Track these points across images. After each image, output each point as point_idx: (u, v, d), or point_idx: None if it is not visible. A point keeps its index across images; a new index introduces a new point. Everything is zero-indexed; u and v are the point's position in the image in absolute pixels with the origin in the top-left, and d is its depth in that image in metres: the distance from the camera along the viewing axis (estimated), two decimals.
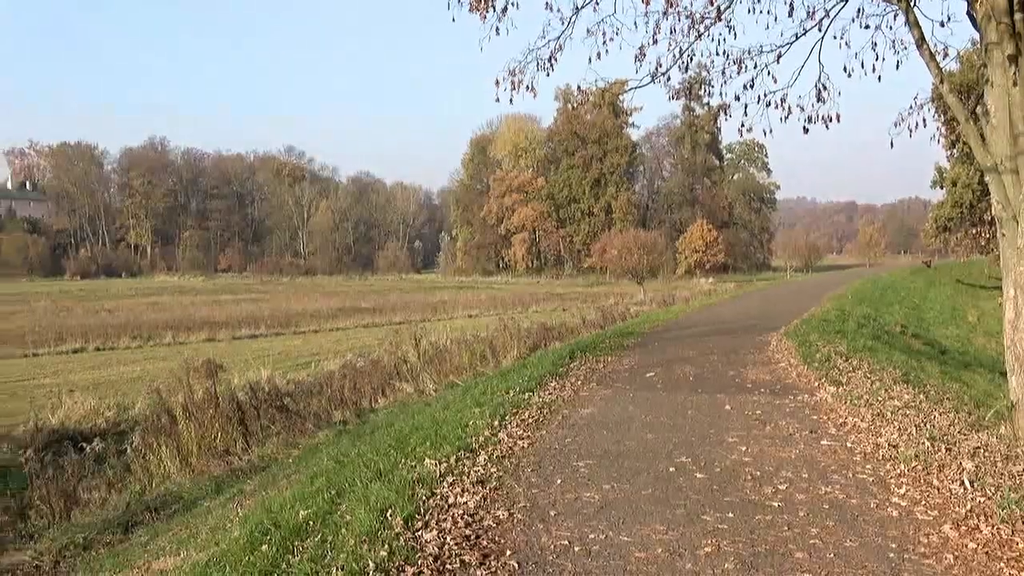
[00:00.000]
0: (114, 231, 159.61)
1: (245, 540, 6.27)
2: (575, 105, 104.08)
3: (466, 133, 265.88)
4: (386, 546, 5.45)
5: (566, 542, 5.68)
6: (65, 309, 62.89)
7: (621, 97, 13.64)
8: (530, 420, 9.76)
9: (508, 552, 5.48)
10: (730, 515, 6.17)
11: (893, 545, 5.55)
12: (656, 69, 11.40)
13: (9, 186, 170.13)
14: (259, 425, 15.37)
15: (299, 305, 63.99)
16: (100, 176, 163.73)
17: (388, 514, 6.12)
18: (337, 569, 5.16)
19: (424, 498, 6.56)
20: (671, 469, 7.48)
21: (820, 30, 10.79)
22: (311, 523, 6.30)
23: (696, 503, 6.48)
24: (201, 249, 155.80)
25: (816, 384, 11.99)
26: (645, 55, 11.15)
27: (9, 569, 8.59)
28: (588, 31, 10.94)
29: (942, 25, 10.00)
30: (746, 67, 11.03)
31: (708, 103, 65.92)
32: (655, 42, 11.10)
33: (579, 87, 11.86)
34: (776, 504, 6.42)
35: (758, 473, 7.29)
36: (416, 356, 22.04)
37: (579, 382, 12.82)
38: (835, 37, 10.75)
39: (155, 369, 27.48)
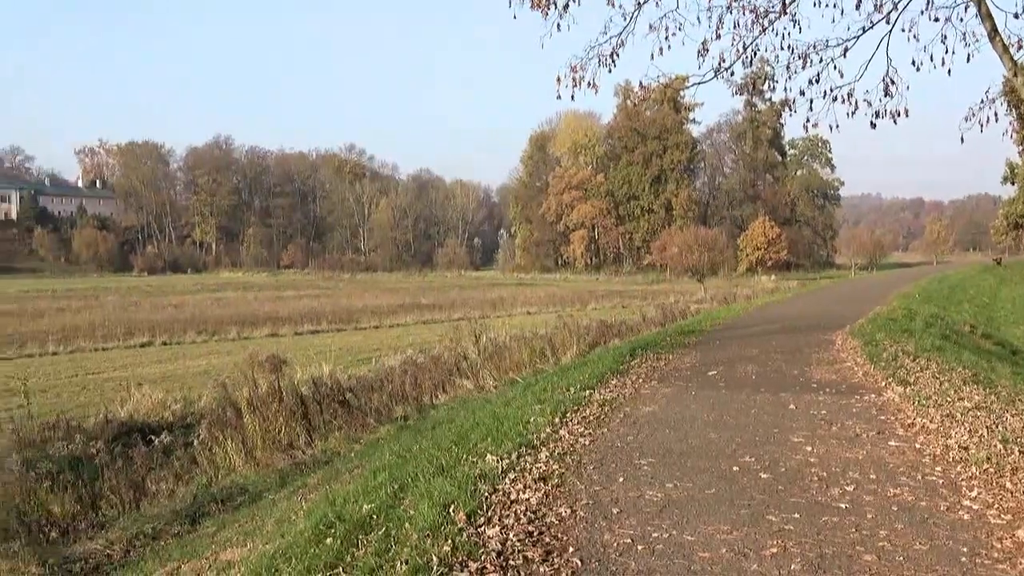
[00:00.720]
0: (180, 228, 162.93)
1: (310, 533, 6.35)
2: (636, 101, 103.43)
3: (525, 130, 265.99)
4: (449, 541, 5.47)
5: (629, 540, 5.65)
6: (133, 304, 64.37)
7: (682, 93, 13.55)
8: (591, 417, 9.73)
9: (571, 549, 5.47)
10: (796, 516, 6.08)
11: (964, 549, 5.42)
12: (719, 64, 11.31)
13: (80, 184, 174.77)
14: (322, 419, 15.56)
15: (359, 301, 64.66)
16: (166, 174, 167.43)
17: (451, 509, 6.15)
18: (401, 563, 5.19)
19: (486, 494, 6.57)
20: (735, 468, 7.40)
21: (888, 23, 10.58)
22: (375, 517, 6.35)
23: (761, 503, 6.40)
24: (264, 246, 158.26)
25: (883, 384, 11.76)
26: (708, 50, 11.06)
27: (82, 557, 8.82)
28: (650, 27, 10.88)
29: (1016, 17, 9.75)
30: (811, 61, 10.88)
31: (771, 98, 64.71)
32: (718, 37, 11.00)
33: (640, 83, 11.78)
34: (843, 505, 6.32)
35: (824, 474, 7.18)
36: (476, 352, 22.11)
37: (640, 380, 12.75)
38: (903, 30, 10.54)
39: (220, 363, 28.00)
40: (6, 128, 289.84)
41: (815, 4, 10.55)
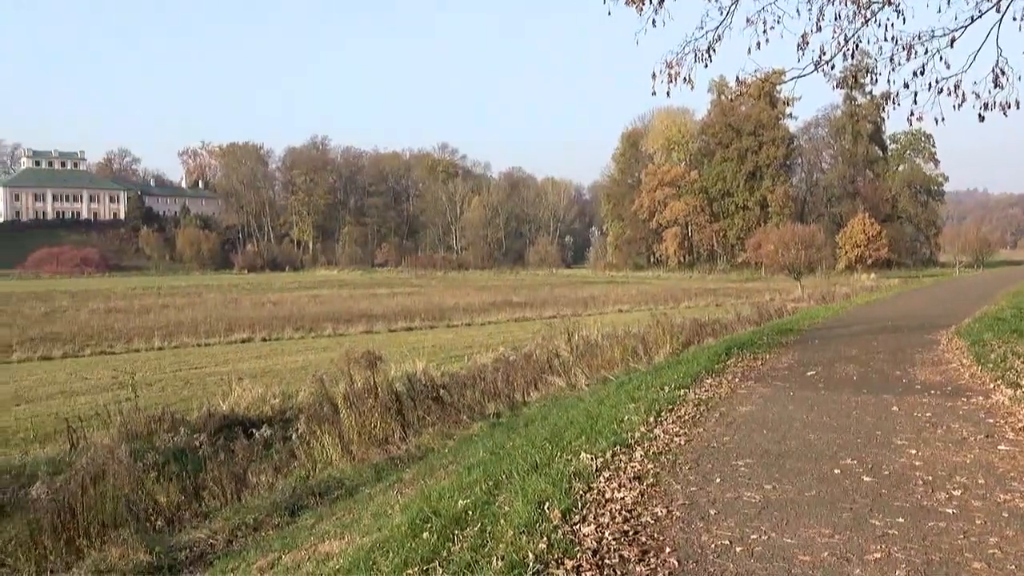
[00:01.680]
0: (278, 227, 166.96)
1: (407, 527, 6.42)
2: (733, 96, 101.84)
3: (617, 128, 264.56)
4: (544, 538, 5.47)
5: (727, 542, 5.56)
6: (233, 301, 66.11)
7: (778, 87, 13.26)
8: (686, 417, 9.62)
9: (667, 549, 5.41)
10: (900, 520, 5.90)
11: None
12: (819, 57, 11.02)
13: (184, 185, 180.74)
14: (416, 415, 15.72)
15: (452, 299, 65.19)
16: (265, 174, 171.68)
17: (545, 507, 6.15)
18: (497, 559, 5.22)
19: (581, 492, 6.56)
20: (836, 471, 7.21)
21: (998, 11, 10.16)
22: (470, 513, 6.40)
23: (863, 507, 6.23)
24: (359, 244, 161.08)
25: (991, 386, 11.33)
26: (808, 43, 10.79)
27: (187, 545, 9.10)
28: (748, 20, 10.69)
29: None
30: (916, 53, 10.50)
31: (872, 92, 62.87)
32: (819, 29, 10.73)
33: (737, 78, 11.59)
34: (950, 511, 6.10)
35: (929, 478, 6.95)
36: (568, 350, 22.08)
37: (736, 379, 12.56)
38: (1014, 19, 10.10)
39: (317, 359, 28.56)
40: (116, 131, 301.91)
41: None
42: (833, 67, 11.16)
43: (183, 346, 37.10)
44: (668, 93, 10.93)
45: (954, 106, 10.30)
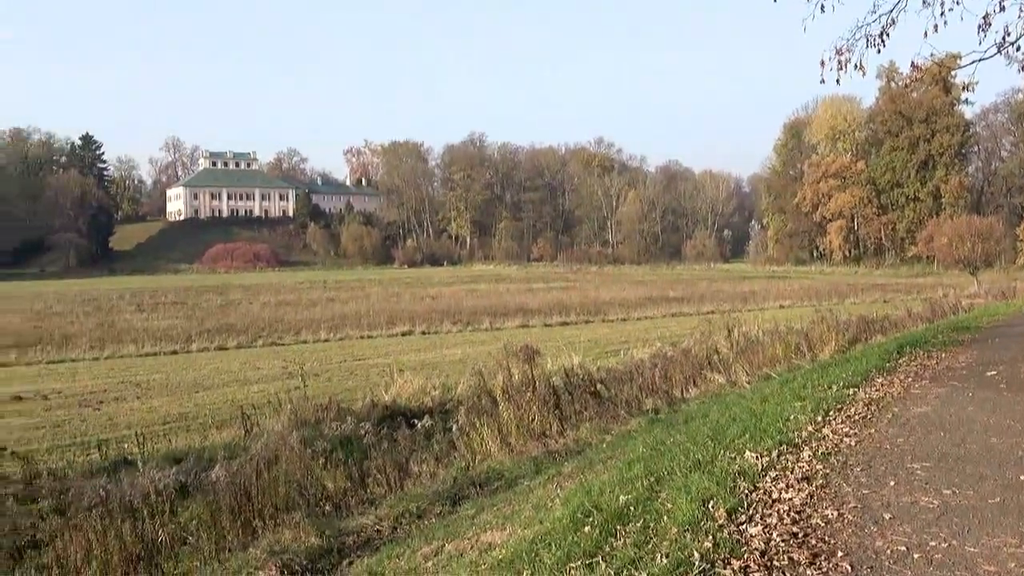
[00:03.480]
0: (437, 222, 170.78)
1: (568, 520, 6.42)
2: (906, 83, 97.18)
3: (779, 118, 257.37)
4: (710, 537, 5.36)
5: (903, 548, 5.29)
6: (394, 295, 68.12)
7: (953, 72, 12.56)
8: (856, 417, 9.24)
9: (839, 553, 5.20)
10: None
11: None
12: (1003, 39, 10.36)
13: (348, 183, 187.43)
14: (573, 410, 15.74)
15: (607, 294, 65.07)
16: (425, 171, 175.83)
17: (710, 505, 6.03)
18: (661, 556, 5.15)
19: (746, 491, 6.40)
20: (1022, 477, 6.77)
21: None
22: (631, 509, 6.34)
23: None
24: (515, 239, 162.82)
25: None
26: (990, 24, 10.16)
27: (354, 531, 9.41)
28: (924, 2, 10.15)
29: None
30: None
31: None
32: (1002, 9, 10.09)
33: (913, 63, 11.04)
34: None
35: None
36: (727, 346, 21.65)
37: (909, 379, 11.97)
38: None
39: (474, 352, 29.03)
40: (285, 131, 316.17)
41: None
42: (1019, 49, 10.47)
43: (347, 338, 38.49)
44: (838, 81, 10.53)
45: None
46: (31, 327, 44.25)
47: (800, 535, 5.52)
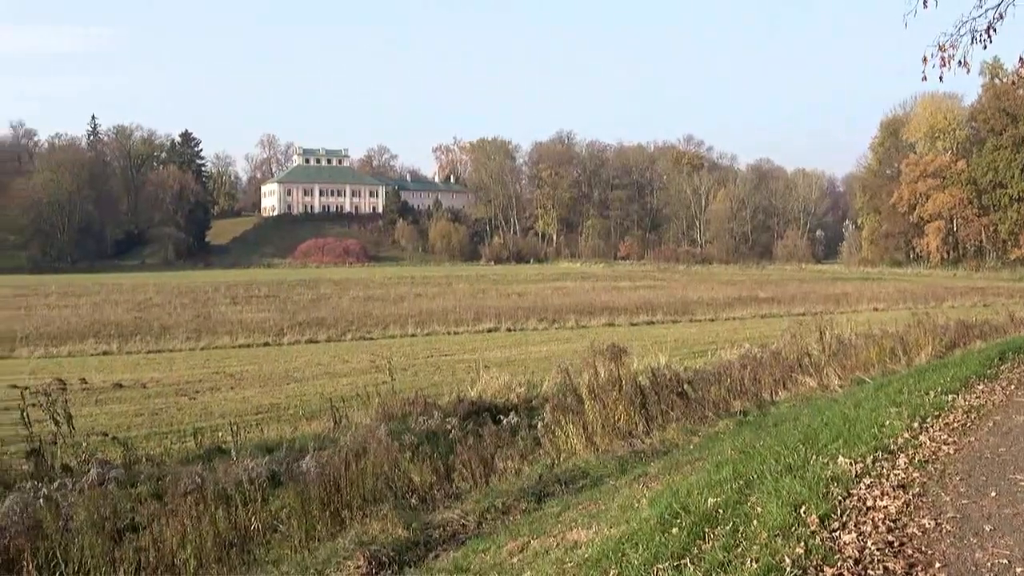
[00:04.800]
0: (524, 220, 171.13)
1: (655, 521, 6.37)
2: (1013, 79, 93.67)
3: (875, 115, 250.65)
4: (802, 543, 5.25)
5: (1005, 561, 5.10)
6: (480, 292, 68.51)
7: None
8: (955, 424, 8.95)
9: (937, 564, 5.04)
10: None
11: None
12: None
13: (436, 180, 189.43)
14: (659, 409, 15.60)
15: (695, 293, 64.35)
16: (512, 169, 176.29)
17: (801, 510, 5.92)
18: (751, 560, 5.07)
19: (840, 498, 6.25)
20: None
21: None
22: (720, 511, 6.26)
23: None
24: (602, 237, 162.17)
25: None
26: None
27: (440, 524, 9.50)
28: None
29: None
30: None
31: None
32: None
33: (1021, 58, 10.62)
34: None
35: None
36: (819, 349, 21.19)
37: (1011, 386, 11.54)
38: None
39: (559, 350, 28.97)
40: (375, 129, 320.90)
41: None
42: None
43: (434, 333, 38.81)
44: (940, 78, 10.20)
45: None
46: (132, 318, 45.92)
47: (896, 544, 5.38)
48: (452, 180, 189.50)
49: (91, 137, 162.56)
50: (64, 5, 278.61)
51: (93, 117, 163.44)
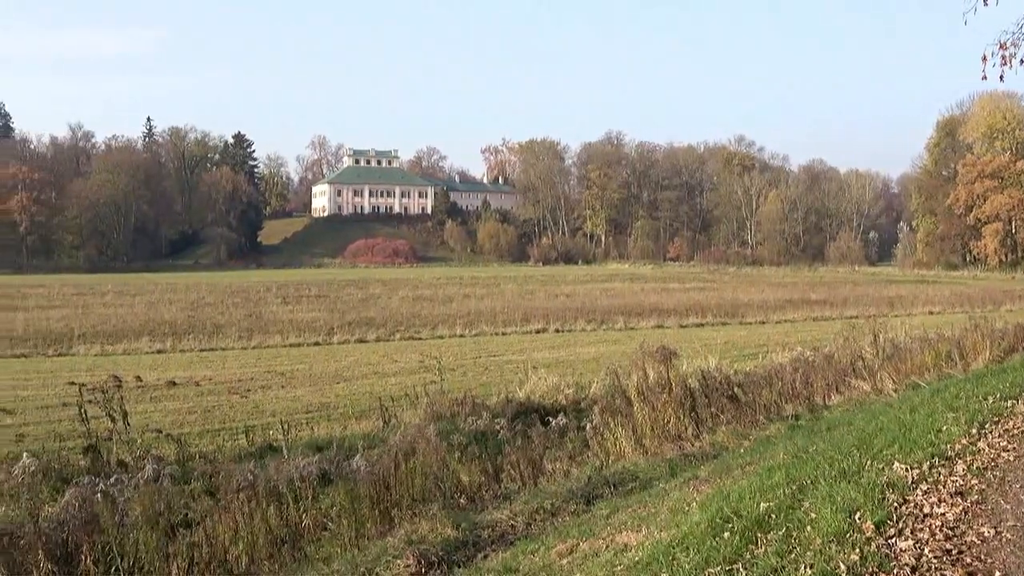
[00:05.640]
0: (572, 221, 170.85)
1: (706, 525, 6.31)
2: None
3: (931, 115, 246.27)
4: (857, 550, 5.17)
5: None
6: (529, 293, 68.53)
7: None
8: (1015, 431, 8.73)
9: (997, 573, 4.93)
10: None
11: None
12: None
13: (485, 180, 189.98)
14: (709, 413, 15.46)
15: (745, 296, 63.77)
16: (561, 170, 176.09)
17: (856, 516, 5.82)
18: (805, 566, 5.00)
19: (896, 504, 6.14)
20: None
21: None
22: (773, 516, 6.18)
23: None
24: (651, 238, 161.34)
25: None
26: None
27: (489, 524, 9.50)
28: None
29: None
30: None
31: None
32: None
33: None
34: None
35: None
36: (872, 353, 20.84)
37: None
38: None
39: (608, 352, 28.89)
40: (425, 130, 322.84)
41: None
42: None
43: (482, 334, 38.94)
44: (1001, 77, 9.94)
45: None
46: (186, 316, 46.69)
47: (954, 552, 5.27)
48: (500, 181, 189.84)
49: (146, 139, 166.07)
50: (119, 7, 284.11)
51: (148, 119, 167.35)
